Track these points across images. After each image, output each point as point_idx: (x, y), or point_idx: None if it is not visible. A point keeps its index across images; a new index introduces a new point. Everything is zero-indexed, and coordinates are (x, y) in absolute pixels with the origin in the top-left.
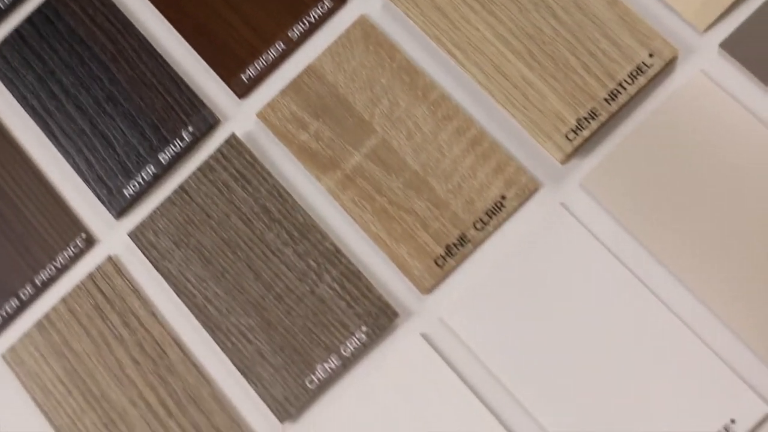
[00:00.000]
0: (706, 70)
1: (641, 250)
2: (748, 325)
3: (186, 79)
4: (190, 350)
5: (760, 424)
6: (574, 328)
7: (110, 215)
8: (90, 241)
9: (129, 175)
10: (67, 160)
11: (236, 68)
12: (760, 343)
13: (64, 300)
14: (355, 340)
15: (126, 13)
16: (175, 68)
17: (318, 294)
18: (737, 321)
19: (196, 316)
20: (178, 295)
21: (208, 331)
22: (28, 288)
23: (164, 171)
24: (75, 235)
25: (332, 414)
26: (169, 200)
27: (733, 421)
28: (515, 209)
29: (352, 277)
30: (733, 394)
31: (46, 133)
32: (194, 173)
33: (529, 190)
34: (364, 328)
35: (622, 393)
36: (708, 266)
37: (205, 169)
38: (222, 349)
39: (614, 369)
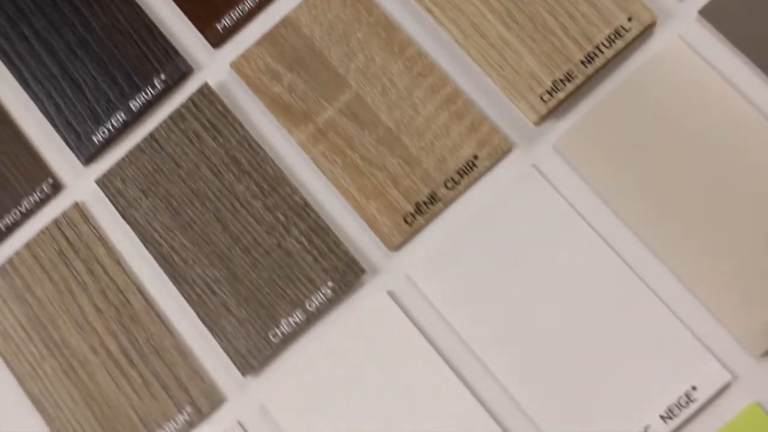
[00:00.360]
0: (684, 36)
1: (611, 214)
2: (715, 292)
3: (160, 27)
4: (154, 300)
5: (720, 391)
6: (540, 289)
7: (78, 161)
8: (56, 187)
9: (98, 122)
10: (36, 104)
11: (212, 17)
12: (726, 310)
13: (27, 245)
14: (321, 295)
15: None
16: (149, 15)
17: (285, 248)
18: (704, 288)
19: (162, 266)
20: (144, 244)
21: (173, 282)
22: None
23: (134, 118)
24: (41, 180)
25: (294, 368)
26: (139, 148)
27: (694, 388)
28: (487, 169)
29: (320, 231)
30: (695, 361)
31: (15, 76)
32: (165, 122)
33: (502, 151)
34: (330, 284)
35: (585, 355)
36: (677, 233)
37: (176, 117)
38: (186, 300)
39: (578, 331)
